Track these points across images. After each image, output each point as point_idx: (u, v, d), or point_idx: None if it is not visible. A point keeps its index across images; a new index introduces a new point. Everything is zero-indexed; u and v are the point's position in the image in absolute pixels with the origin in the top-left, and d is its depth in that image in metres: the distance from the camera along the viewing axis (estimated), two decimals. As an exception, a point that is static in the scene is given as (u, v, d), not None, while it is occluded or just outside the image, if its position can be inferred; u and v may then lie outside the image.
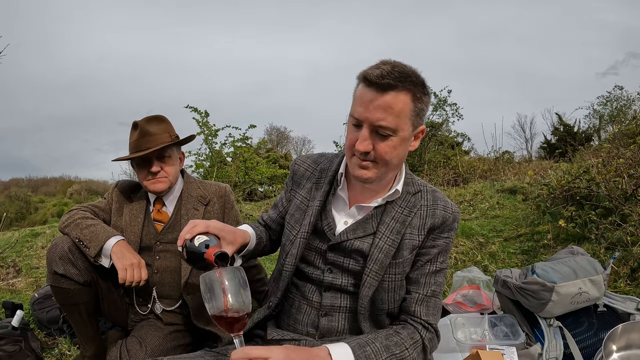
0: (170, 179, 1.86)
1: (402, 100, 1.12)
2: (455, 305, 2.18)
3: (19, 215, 22.61)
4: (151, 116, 1.87)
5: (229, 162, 8.06)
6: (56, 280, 1.72)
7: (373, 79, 1.10)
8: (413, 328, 1.25)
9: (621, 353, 1.58)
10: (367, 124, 1.13)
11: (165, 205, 1.93)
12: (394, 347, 1.18)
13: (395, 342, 1.19)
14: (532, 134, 21.76)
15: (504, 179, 6.23)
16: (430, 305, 1.28)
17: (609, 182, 3.14)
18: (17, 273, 3.67)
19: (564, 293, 1.71)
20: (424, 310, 1.27)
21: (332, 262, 1.30)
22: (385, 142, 1.14)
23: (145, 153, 1.77)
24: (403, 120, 1.13)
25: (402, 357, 1.18)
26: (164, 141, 1.82)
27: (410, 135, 1.19)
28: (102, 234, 1.71)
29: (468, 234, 3.47)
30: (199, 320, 1.87)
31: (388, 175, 1.24)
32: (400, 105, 1.11)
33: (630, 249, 2.54)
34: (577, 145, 8.54)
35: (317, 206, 1.31)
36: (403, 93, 1.11)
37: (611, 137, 5.83)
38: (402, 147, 1.18)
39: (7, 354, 2.00)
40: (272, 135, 25.60)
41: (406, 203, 1.28)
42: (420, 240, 1.27)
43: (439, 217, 1.28)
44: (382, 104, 1.10)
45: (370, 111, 1.11)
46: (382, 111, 1.11)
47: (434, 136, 9.60)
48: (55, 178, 34.66)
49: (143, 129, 1.81)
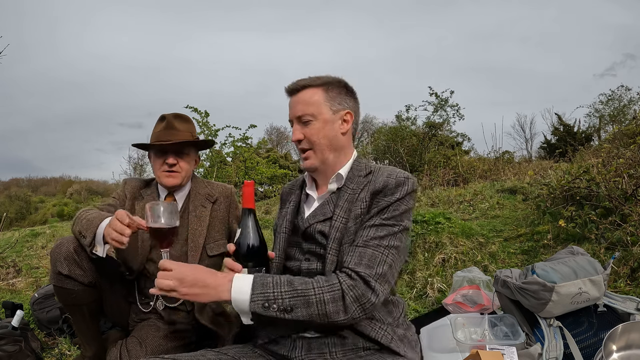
0: (183, 175, 1.94)
1: (313, 92, 1.41)
2: (455, 305, 2.19)
3: (19, 215, 22.62)
4: (178, 113, 1.99)
5: (229, 162, 8.07)
6: (60, 281, 1.70)
7: (288, 89, 1.45)
8: (335, 275, 1.22)
9: (621, 353, 1.57)
10: (294, 120, 1.43)
11: (176, 201, 1.98)
12: (298, 284, 1.18)
13: (304, 281, 1.19)
14: (532, 134, 21.82)
15: (504, 179, 6.24)
16: (364, 255, 1.24)
17: (609, 182, 3.14)
18: (17, 273, 3.68)
19: (564, 293, 1.71)
20: (354, 260, 1.24)
21: (308, 251, 1.39)
22: (309, 127, 1.40)
23: (167, 143, 1.87)
24: (319, 107, 1.40)
25: (305, 294, 1.16)
26: (186, 138, 1.92)
27: (332, 118, 1.42)
28: (96, 220, 1.65)
29: (468, 234, 3.47)
30: (202, 316, 1.89)
31: (329, 159, 1.42)
32: (312, 96, 1.41)
33: (630, 249, 2.54)
34: (577, 145, 8.54)
35: (292, 206, 1.51)
36: (312, 88, 1.41)
37: (611, 137, 5.83)
38: (328, 128, 1.41)
39: (7, 354, 2.00)
40: (272, 135, 25.64)
41: (357, 185, 1.39)
42: (364, 207, 1.34)
43: (380, 182, 1.35)
44: (298, 100, 1.42)
45: (293, 109, 1.43)
46: (299, 104, 1.41)
47: (434, 136, 9.61)
48: (55, 178, 34.71)
49: (169, 122, 1.92)
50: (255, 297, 1.14)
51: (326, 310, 1.16)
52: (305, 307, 1.15)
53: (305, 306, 1.15)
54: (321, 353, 1.30)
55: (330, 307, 1.16)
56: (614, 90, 12.42)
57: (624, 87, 12.14)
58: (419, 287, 2.87)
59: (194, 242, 1.91)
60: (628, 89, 11.94)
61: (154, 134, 1.94)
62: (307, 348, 1.31)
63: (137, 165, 17.37)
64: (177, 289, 1.17)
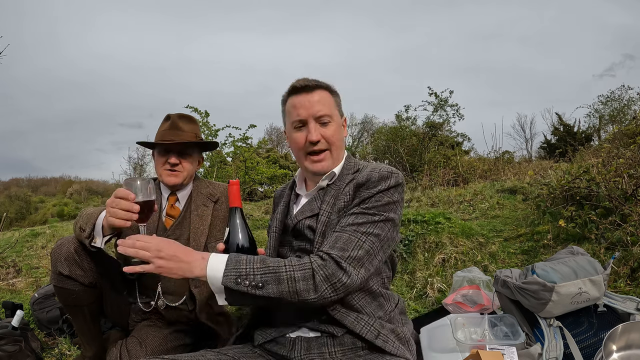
0: (185, 175, 1.95)
1: (326, 94, 1.44)
2: (455, 305, 2.18)
3: (19, 215, 22.61)
4: (183, 114, 2.01)
5: (229, 162, 8.07)
6: (60, 281, 1.70)
7: (300, 86, 1.42)
8: (308, 257, 1.25)
9: (621, 353, 1.57)
10: (311, 119, 1.41)
11: (179, 200, 2.00)
12: (270, 262, 1.21)
13: (276, 260, 1.23)
14: (532, 134, 21.81)
15: (504, 179, 6.24)
16: (340, 239, 1.27)
17: (609, 182, 3.13)
18: (17, 273, 3.67)
19: (564, 293, 1.71)
20: (329, 244, 1.27)
21: (298, 248, 1.42)
22: (328, 128, 1.42)
23: (170, 143, 1.89)
24: (333, 109, 1.44)
25: (276, 271, 1.19)
26: (190, 139, 1.94)
27: (340, 122, 1.48)
28: (96, 212, 1.65)
29: (468, 234, 3.47)
30: (203, 315, 1.90)
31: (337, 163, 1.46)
32: (327, 97, 1.44)
33: (630, 249, 2.54)
34: (577, 145, 8.54)
35: (282, 206, 1.54)
36: (324, 90, 1.44)
37: (611, 137, 5.82)
38: (339, 132, 1.46)
39: (7, 354, 1.99)
40: (272, 135, 25.63)
41: (343, 182, 1.42)
42: (347, 200, 1.36)
43: (364, 176, 1.37)
44: (316, 98, 1.41)
45: (309, 108, 1.40)
46: (318, 104, 1.41)
47: (434, 136, 9.61)
48: (55, 178, 34.70)
49: (174, 122, 1.94)
50: (228, 273, 1.18)
51: (296, 287, 1.18)
52: (276, 284, 1.18)
53: (276, 283, 1.18)
54: (321, 353, 1.30)
55: (301, 285, 1.19)
56: (614, 90, 12.41)
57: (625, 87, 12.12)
58: (419, 287, 2.87)
59: (196, 241, 1.91)
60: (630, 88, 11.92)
61: (159, 133, 1.96)
62: (306, 348, 1.31)
63: (137, 165, 17.37)
64: (153, 261, 1.19)
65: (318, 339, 1.32)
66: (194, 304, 1.94)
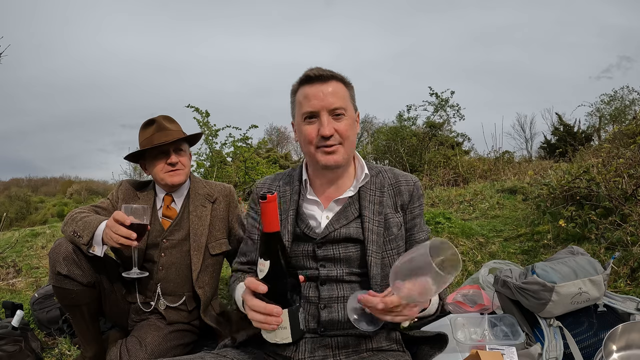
0: (186, 172, 1.96)
1: (341, 87, 1.34)
2: (455, 305, 2.18)
3: (19, 215, 22.60)
4: (165, 115, 1.99)
5: (229, 162, 8.06)
6: (59, 281, 1.71)
7: (314, 75, 1.31)
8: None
9: (621, 353, 1.57)
10: (324, 111, 1.30)
11: (175, 201, 1.99)
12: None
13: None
14: (532, 134, 21.78)
15: (504, 179, 6.23)
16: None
17: (609, 182, 3.13)
18: (17, 273, 3.67)
19: (564, 293, 1.71)
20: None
21: (324, 258, 1.35)
22: (342, 122, 1.31)
23: (164, 142, 1.86)
24: (347, 102, 1.34)
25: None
26: (179, 136, 1.92)
27: (354, 116, 1.38)
28: (94, 222, 1.68)
29: (468, 234, 3.47)
30: (207, 316, 1.91)
31: (350, 158, 1.38)
32: (341, 90, 1.33)
33: (630, 249, 2.54)
34: (577, 145, 8.52)
35: (291, 215, 1.39)
36: (338, 82, 1.34)
37: (611, 137, 5.82)
38: (353, 127, 1.36)
39: (7, 354, 1.99)
40: (272, 135, 25.62)
41: (374, 185, 1.40)
42: (400, 217, 1.40)
43: (405, 192, 1.40)
44: (330, 90, 1.30)
45: (322, 99, 1.29)
46: (332, 96, 1.30)
47: (434, 136, 9.60)
48: (55, 178, 34.68)
49: (160, 124, 1.92)
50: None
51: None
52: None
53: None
54: (324, 355, 1.29)
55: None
56: (617, 90, 12.35)
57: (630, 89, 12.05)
58: (419, 287, 2.86)
59: (197, 242, 1.91)
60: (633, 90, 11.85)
61: (145, 140, 1.92)
62: (310, 350, 1.30)
63: (137, 165, 17.37)
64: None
65: (321, 341, 1.31)
66: (193, 305, 1.94)
